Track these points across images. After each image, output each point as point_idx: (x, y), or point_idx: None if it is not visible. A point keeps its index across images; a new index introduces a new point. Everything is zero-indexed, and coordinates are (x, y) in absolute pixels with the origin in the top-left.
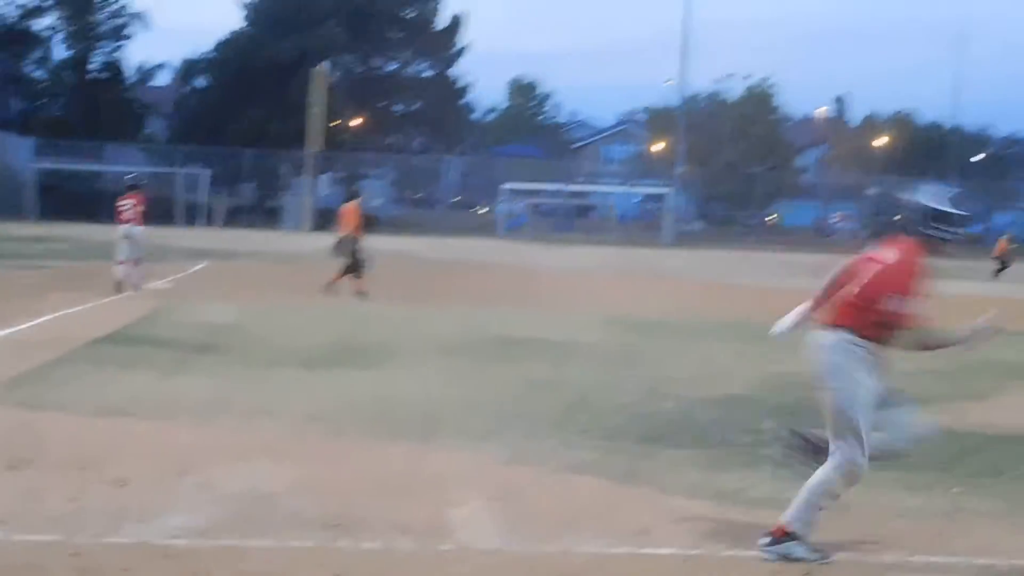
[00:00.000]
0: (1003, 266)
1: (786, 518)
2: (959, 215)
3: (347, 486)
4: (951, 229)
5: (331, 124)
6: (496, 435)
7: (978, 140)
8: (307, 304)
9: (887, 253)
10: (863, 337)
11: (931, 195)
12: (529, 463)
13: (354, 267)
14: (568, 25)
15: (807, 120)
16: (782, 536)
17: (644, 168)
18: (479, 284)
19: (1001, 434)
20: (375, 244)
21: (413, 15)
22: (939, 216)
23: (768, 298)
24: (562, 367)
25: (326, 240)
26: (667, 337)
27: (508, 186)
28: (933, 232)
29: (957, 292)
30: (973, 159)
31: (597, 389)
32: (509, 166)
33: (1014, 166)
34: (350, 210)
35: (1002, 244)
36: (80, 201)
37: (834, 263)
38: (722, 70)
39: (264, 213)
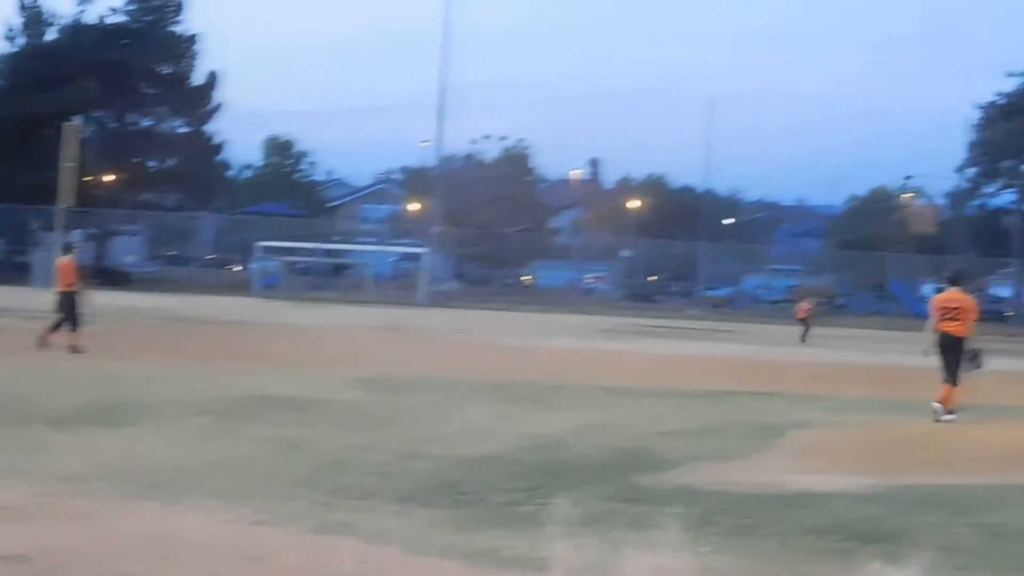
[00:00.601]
0: (807, 328)
1: None
2: None
3: (96, 548)
4: None
5: (84, 180)
6: (247, 495)
7: (729, 204)
8: (55, 362)
9: None
10: None
11: None
12: (280, 524)
13: (69, 322)
14: (325, 83)
15: (562, 182)
16: None
17: (401, 227)
18: (233, 342)
19: (748, 493)
20: (108, 300)
21: (168, 71)
22: None
23: (523, 357)
24: (315, 426)
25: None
26: (422, 396)
27: (263, 244)
28: None
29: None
30: (724, 222)
31: (350, 449)
32: (265, 224)
33: (762, 229)
34: (66, 264)
35: (804, 306)
36: None
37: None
38: (478, 131)
39: (14, 269)
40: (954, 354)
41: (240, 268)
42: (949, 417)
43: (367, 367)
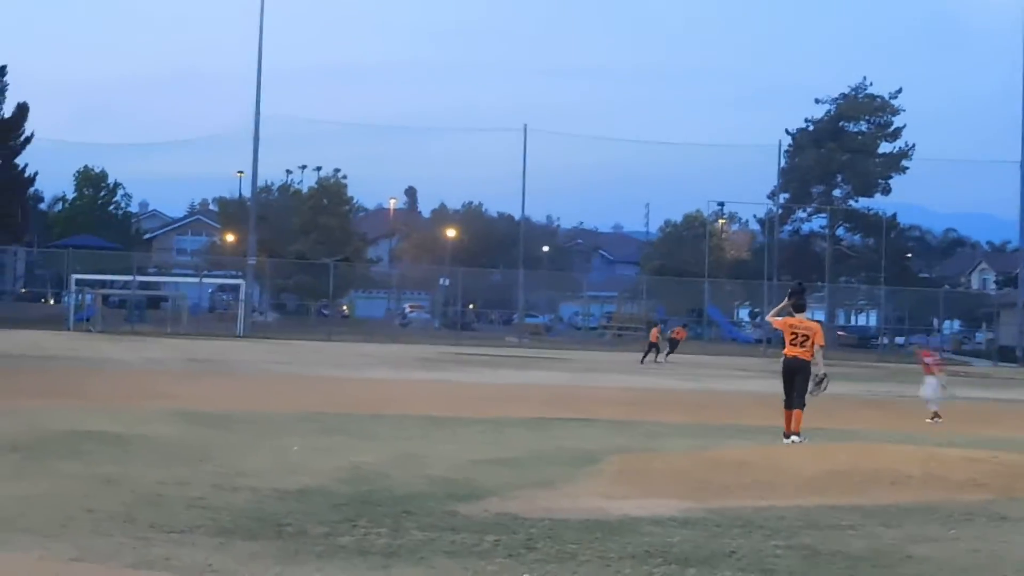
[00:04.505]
0: (652, 349)
1: None
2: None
3: None
4: None
5: None
6: (63, 532)
7: (546, 231)
8: None
9: None
10: None
11: None
12: (99, 560)
13: None
14: (138, 117)
15: (379, 211)
16: None
17: (217, 259)
18: (46, 378)
19: (570, 519)
20: None
21: None
22: None
23: (340, 389)
24: (131, 461)
25: None
26: (240, 429)
27: (77, 277)
28: None
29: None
30: (542, 249)
31: (168, 483)
32: (79, 257)
33: (579, 257)
34: None
35: (655, 332)
36: None
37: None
38: (293, 162)
39: None
40: (802, 378)
41: (53, 302)
42: (797, 439)
43: (184, 401)
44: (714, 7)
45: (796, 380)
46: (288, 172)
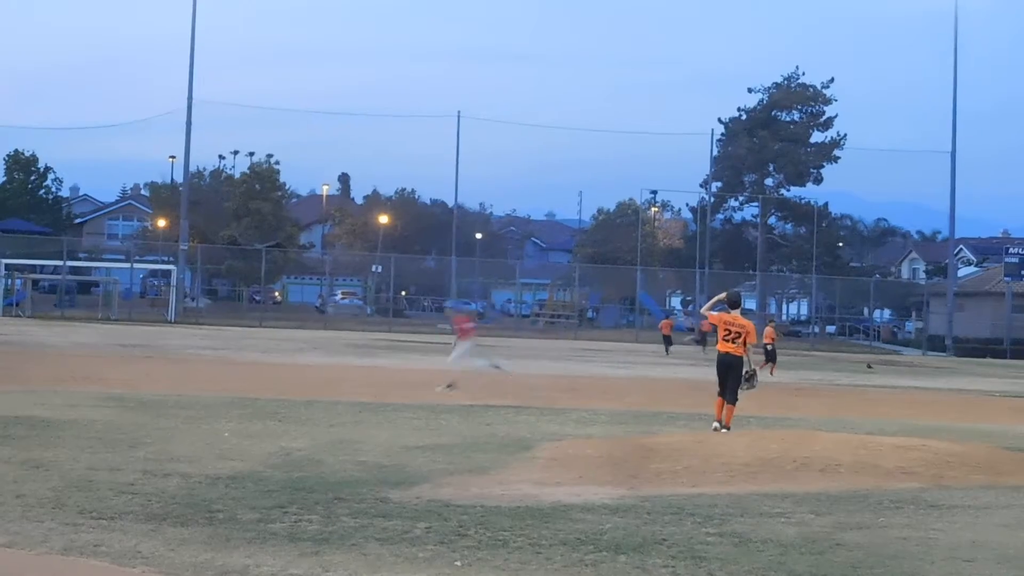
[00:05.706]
0: (667, 341)
1: None
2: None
3: None
4: None
5: None
6: None
7: (479, 218)
8: None
9: None
10: None
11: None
12: (28, 546)
13: None
14: (68, 99)
15: (312, 197)
16: None
17: (149, 244)
18: None
19: (502, 505)
20: None
21: None
22: None
23: (272, 374)
24: (62, 446)
25: None
26: (171, 414)
27: (7, 262)
28: None
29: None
30: (476, 236)
31: (97, 468)
32: (8, 241)
33: (512, 244)
34: None
35: (665, 324)
36: None
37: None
38: (226, 147)
39: None
40: (734, 373)
41: None
42: (722, 428)
43: (115, 385)
44: None
45: (729, 375)
46: (221, 157)
